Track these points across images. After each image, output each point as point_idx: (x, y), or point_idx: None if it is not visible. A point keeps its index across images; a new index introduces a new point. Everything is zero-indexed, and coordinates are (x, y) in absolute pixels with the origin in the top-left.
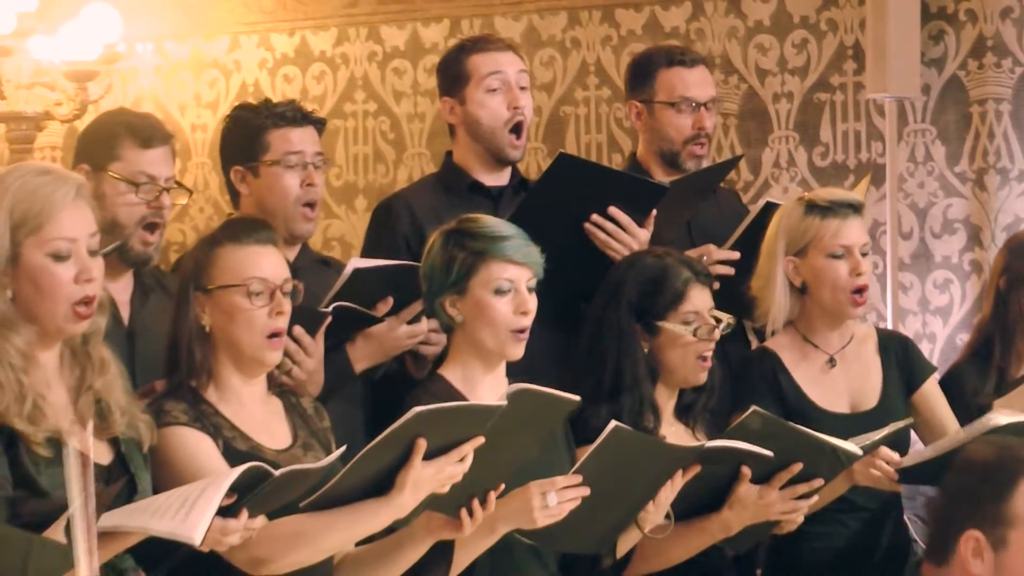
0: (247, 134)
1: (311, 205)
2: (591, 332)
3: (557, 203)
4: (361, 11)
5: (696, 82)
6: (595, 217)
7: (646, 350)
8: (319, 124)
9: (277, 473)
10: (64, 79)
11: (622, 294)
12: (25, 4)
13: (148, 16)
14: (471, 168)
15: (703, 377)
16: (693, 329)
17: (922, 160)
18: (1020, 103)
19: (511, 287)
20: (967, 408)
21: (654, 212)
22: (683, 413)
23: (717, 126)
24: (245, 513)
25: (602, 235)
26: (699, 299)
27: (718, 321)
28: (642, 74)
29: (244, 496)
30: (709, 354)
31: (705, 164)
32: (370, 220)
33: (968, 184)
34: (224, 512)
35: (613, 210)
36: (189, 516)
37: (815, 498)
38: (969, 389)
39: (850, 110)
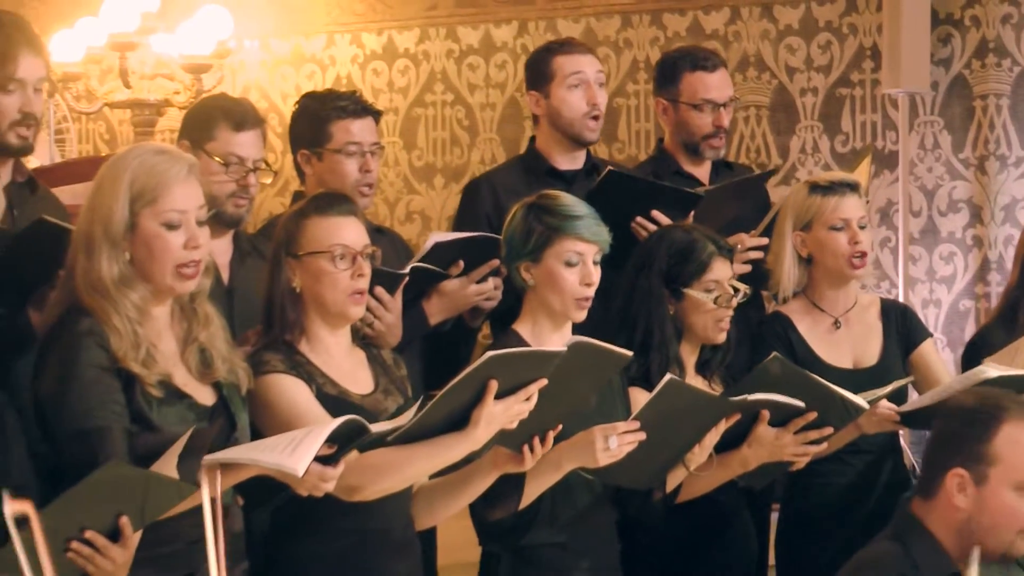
0: (312, 123)
1: (368, 185)
2: (624, 296)
3: (606, 209)
4: (440, 13)
5: (716, 85)
6: (640, 219)
7: (672, 312)
8: (377, 115)
9: (373, 431)
10: (181, 71)
11: (653, 263)
12: (148, 5)
13: (255, 16)
14: (550, 154)
15: (722, 337)
16: (714, 297)
17: (931, 148)
18: (1018, 98)
19: (579, 260)
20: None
21: (692, 214)
22: (702, 368)
23: (748, 117)
24: (343, 464)
25: (645, 234)
26: (721, 270)
27: (736, 291)
28: (668, 75)
29: (342, 448)
30: (727, 319)
31: (721, 155)
32: (461, 196)
33: (971, 169)
34: (323, 461)
35: (656, 214)
36: (294, 453)
37: (825, 444)
38: (998, 347)
39: (868, 103)
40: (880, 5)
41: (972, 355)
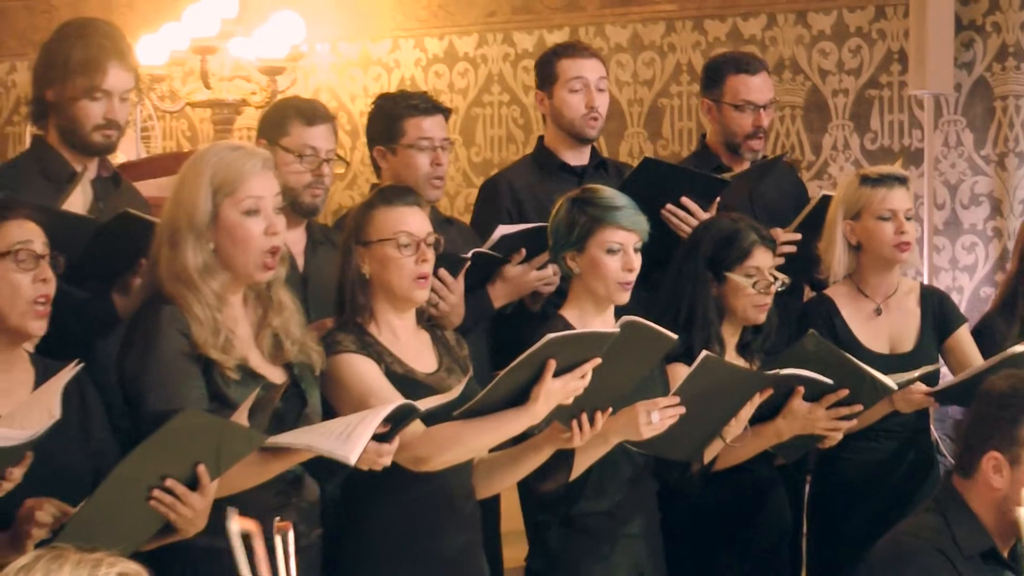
0: (387, 120)
1: (439, 178)
2: (672, 278)
3: (642, 193)
4: (498, 20)
5: (757, 87)
6: (670, 206)
7: (715, 295)
8: (446, 113)
9: (423, 409)
10: (257, 73)
11: (700, 248)
12: (227, 11)
13: (326, 22)
14: (558, 150)
15: (762, 318)
16: (753, 282)
17: (954, 145)
18: None
19: (620, 248)
20: (996, 350)
21: (717, 200)
22: (744, 350)
23: (783, 116)
24: (398, 440)
25: (675, 220)
26: (762, 258)
27: (775, 279)
28: (714, 77)
29: (397, 426)
30: (766, 303)
31: (760, 155)
32: (478, 193)
33: (992, 165)
34: (379, 438)
35: (685, 200)
36: (348, 440)
37: (855, 421)
38: (998, 335)
39: (895, 104)
40: (907, 12)
41: (976, 342)
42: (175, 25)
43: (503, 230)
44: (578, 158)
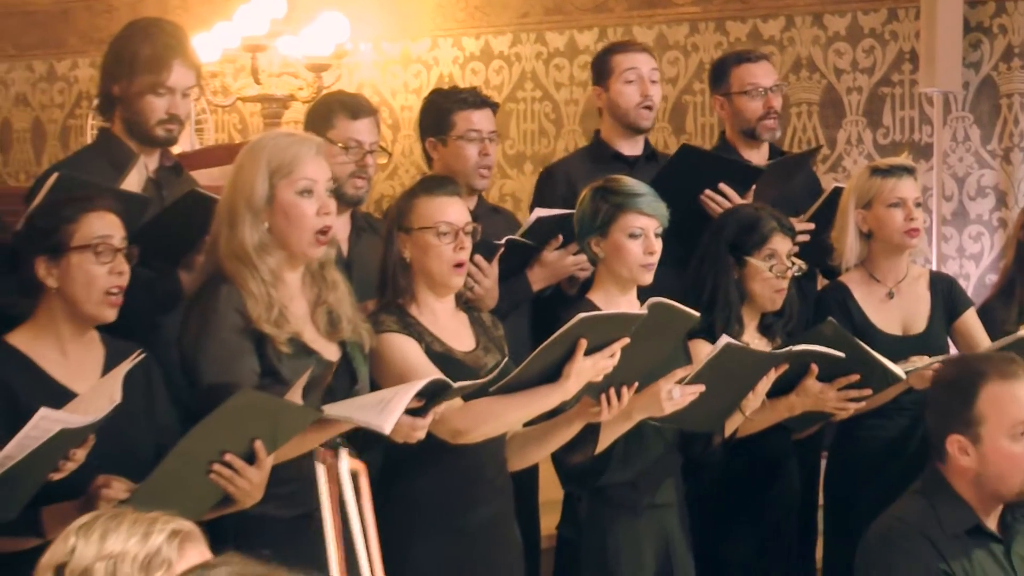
0: (438, 114)
1: (487, 167)
2: (697, 261)
3: (679, 180)
4: (531, 20)
5: (761, 73)
6: (708, 191)
7: (736, 278)
8: (494, 107)
9: (455, 386)
10: (304, 70)
11: (723, 233)
12: (276, 12)
13: (369, 22)
14: (613, 141)
15: (778, 305)
16: (771, 266)
17: (962, 140)
18: None
19: (642, 233)
20: (996, 334)
21: (753, 187)
22: (766, 331)
23: (800, 113)
24: (431, 416)
25: (712, 204)
26: (780, 244)
27: (792, 264)
28: (719, 74)
29: (430, 402)
30: (783, 288)
31: (777, 136)
32: (536, 182)
33: (997, 159)
34: (414, 413)
35: (723, 186)
36: (384, 411)
37: (864, 403)
38: (998, 320)
39: (906, 101)
40: (918, 14)
41: None
42: (227, 24)
43: (539, 213)
44: (632, 148)
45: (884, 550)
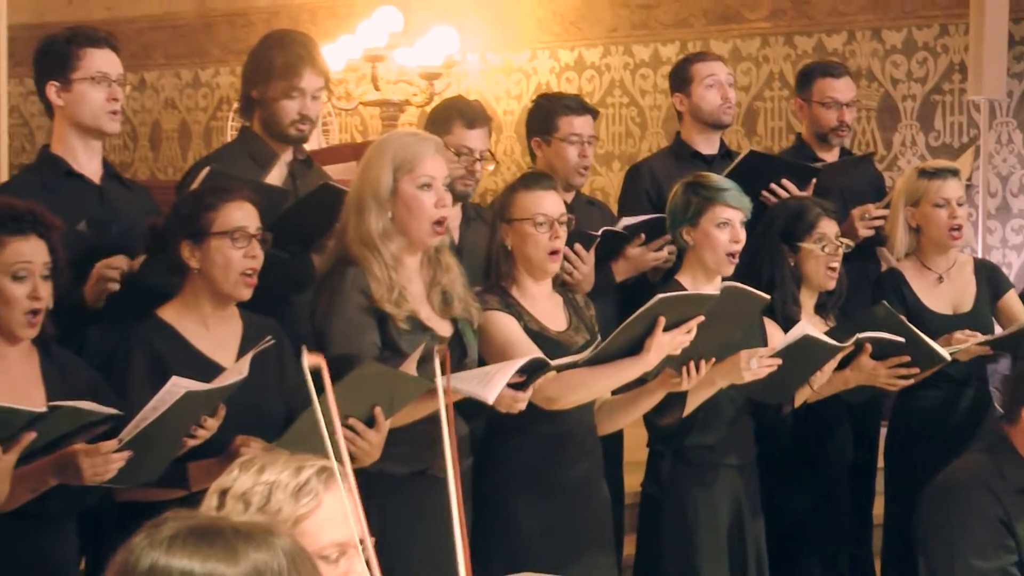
0: (544, 117)
1: (585, 167)
2: (753, 250)
3: (745, 178)
4: (619, 34)
5: (841, 88)
6: (773, 186)
7: (792, 264)
8: (595, 114)
9: (552, 364)
10: (418, 78)
11: (775, 223)
12: (394, 26)
13: (476, 36)
14: (693, 142)
15: (832, 284)
16: (823, 247)
17: (1006, 143)
18: None
19: (728, 223)
20: None
21: (813, 182)
22: (820, 309)
23: (860, 118)
24: (531, 390)
25: (773, 199)
26: (827, 227)
27: (841, 243)
28: (805, 80)
29: (531, 378)
30: (836, 266)
31: (846, 144)
32: (624, 178)
33: None
34: (516, 387)
35: (785, 182)
36: (488, 384)
37: (911, 380)
38: None
39: (956, 108)
40: (967, 29)
41: None
42: (350, 37)
43: (625, 221)
44: (709, 148)
45: (945, 497)
